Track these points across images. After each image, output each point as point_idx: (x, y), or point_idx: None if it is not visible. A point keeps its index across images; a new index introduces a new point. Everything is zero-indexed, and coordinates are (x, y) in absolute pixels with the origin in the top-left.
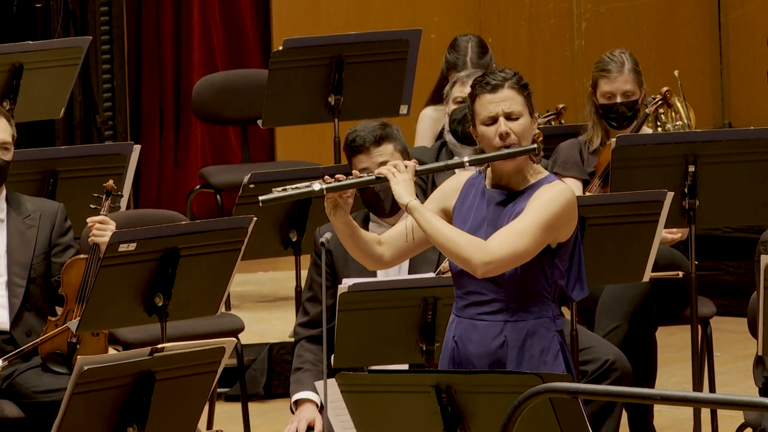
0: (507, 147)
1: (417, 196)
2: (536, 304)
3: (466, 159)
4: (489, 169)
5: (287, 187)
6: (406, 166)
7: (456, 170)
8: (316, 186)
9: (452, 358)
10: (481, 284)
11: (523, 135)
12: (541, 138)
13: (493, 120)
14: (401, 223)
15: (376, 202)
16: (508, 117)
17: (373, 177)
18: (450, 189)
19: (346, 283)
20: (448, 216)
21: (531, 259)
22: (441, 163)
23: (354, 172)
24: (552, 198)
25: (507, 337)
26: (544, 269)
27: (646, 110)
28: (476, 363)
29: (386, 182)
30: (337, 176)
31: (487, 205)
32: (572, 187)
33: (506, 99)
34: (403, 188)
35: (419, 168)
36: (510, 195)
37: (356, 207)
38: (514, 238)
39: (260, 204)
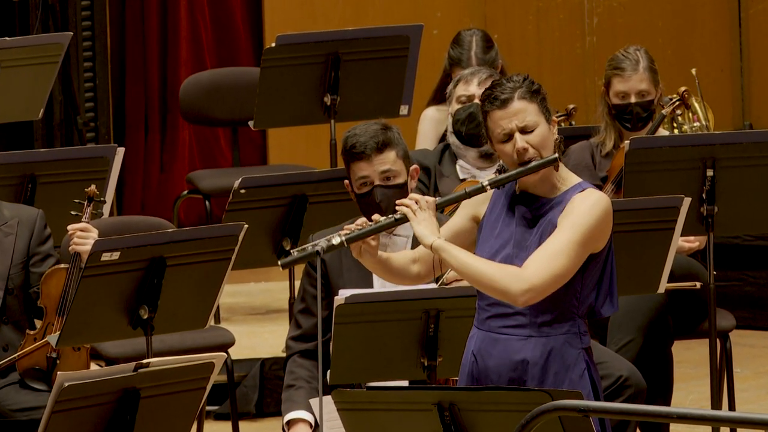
0: (527, 162)
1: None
2: (563, 319)
3: (486, 183)
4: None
5: (305, 246)
6: (426, 202)
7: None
8: (336, 240)
9: (470, 373)
10: None
11: (542, 146)
12: (562, 143)
13: (509, 136)
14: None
15: (376, 211)
16: (524, 131)
17: (393, 219)
18: (480, 197)
19: (343, 294)
20: (478, 222)
21: None
22: (461, 192)
23: (373, 217)
24: (588, 210)
25: (530, 353)
26: (573, 283)
27: (662, 111)
28: (495, 378)
29: (406, 221)
30: (356, 223)
31: (516, 212)
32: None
33: (518, 112)
34: (425, 228)
35: (439, 201)
36: (539, 205)
37: (356, 214)
38: (551, 259)
39: (281, 268)
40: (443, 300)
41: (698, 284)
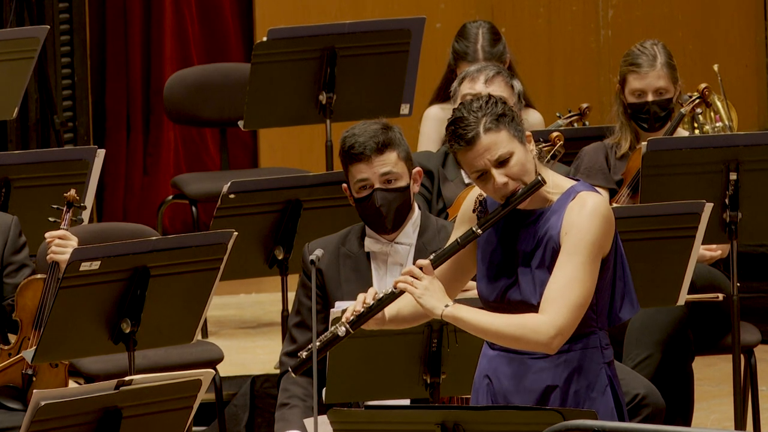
0: (511, 195)
1: (412, 203)
2: (582, 334)
3: (476, 228)
4: None
5: (310, 347)
6: (421, 268)
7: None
8: (341, 330)
9: (488, 393)
10: (517, 313)
11: (522, 173)
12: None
13: (484, 173)
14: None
15: (377, 218)
16: (499, 164)
17: (393, 293)
18: (471, 211)
19: (339, 306)
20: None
21: None
22: (454, 243)
23: (369, 293)
24: (587, 224)
25: (549, 374)
26: None
27: (682, 110)
28: (514, 400)
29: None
30: (354, 309)
31: (510, 226)
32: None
33: (489, 148)
34: (431, 299)
35: (434, 258)
36: (535, 217)
37: (354, 220)
38: (567, 293)
39: (293, 375)
40: None
41: (721, 296)
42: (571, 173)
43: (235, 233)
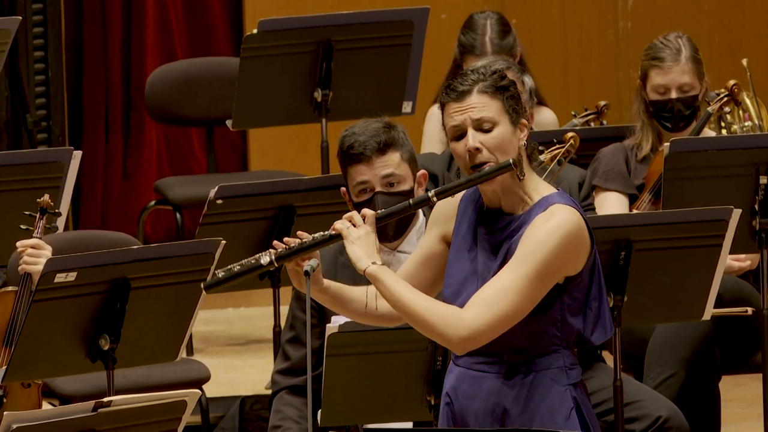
0: (480, 166)
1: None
2: (542, 353)
3: (431, 193)
4: None
5: (231, 266)
6: (364, 217)
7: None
8: (265, 258)
9: (447, 415)
10: None
11: (499, 149)
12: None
13: (461, 133)
14: (406, 265)
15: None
16: (479, 128)
17: (327, 235)
18: (445, 212)
19: (336, 321)
20: (450, 243)
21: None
22: (404, 204)
23: (305, 234)
24: (546, 236)
25: (508, 396)
26: (550, 311)
27: (708, 108)
28: (474, 422)
29: (340, 240)
30: (285, 240)
31: (480, 230)
32: (616, 200)
33: (474, 106)
34: (359, 249)
35: (380, 213)
36: (504, 222)
37: None
38: (498, 299)
39: (204, 291)
40: None
41: (750, 310)
42: (587, 177)
43: (223, 242)
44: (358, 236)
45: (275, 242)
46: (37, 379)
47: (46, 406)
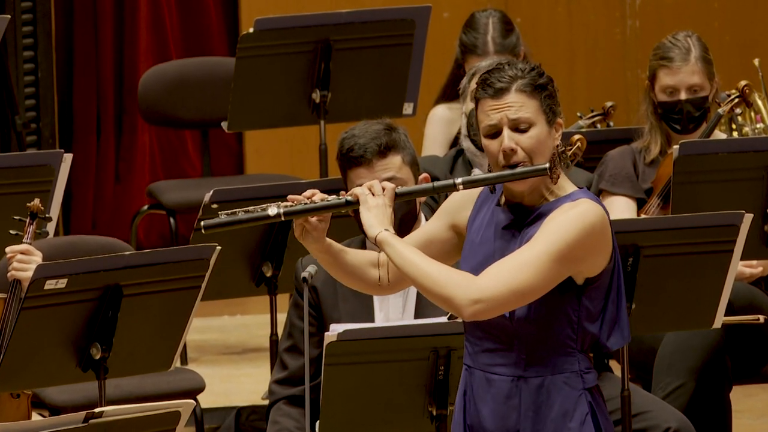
0: (513, 166)
1: (418, 212)
2: (557, 355)
3: (459, 180)
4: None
5: (237, 210)
6: (383, 189)
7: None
8: (272, 210)
9: (463, 421)
10: (491, 329)
11: (535, 150)
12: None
13: (497, 132)
14: (406, 240)
15: None
16: (515, 128)
17: (343, 200)
18: (461, 202)
19: (335, 329)
20: (461, 234)
21: (550, 299)
22: (428, 185)
23: (319, 194)
24: (570, 220)
25: (521, 399)
26: (567, 312)
27: (719, 110)
28: (487, 425)
29: (357, 206)
30: (297, 198)
31: (495, 227)
32: (623, 205)
33: (511, 105)
34: (373, 216)
35: (400, 191)
36: (523, 215)
37: (352, 231)
38: (514, 271)
39: (203, 231)
40: (455, 337)
41: (762, 318)
42: (594, 181)
43: (218, 247)
44: (375, 204)
45: (290, 196)
46: (27, 390)
47: (35, 417)
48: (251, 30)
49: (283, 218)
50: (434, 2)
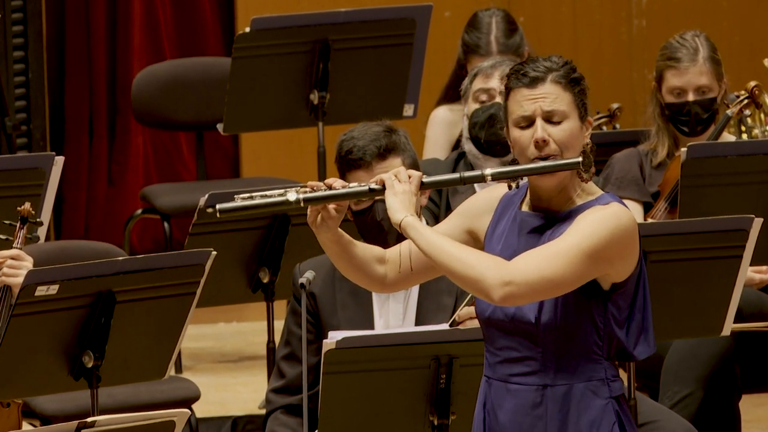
0: (544, 159)
1: (419, 216)
2: (584, 362)
3: (488, 171)
4: (528, 187)
5: (253, 194)
6: (410, 177)
7: (477, 185)
8: (292, 196)
9: (482, 430)
10: (514, 336)
11: (566, 144)
12: (593, 149)
13: (529, 122)
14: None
15: (378, 233)
16: (548, 119)
17: (366, 188)
18: (481, 206)
19: (334, 336)
20: (478, 240)
21: (576, 305)
22: (455, 175)
23: (340, 181)
24: (603, 219)
25: (546, 408)
26: (593, 318)
27: (727, 111)
28: None
29: (381, 194)
30: (317, 184)
31: (518, 232)
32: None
33: (546, 96)
34: (399, 202)
35: (426, 180)
36: (548, 220)
37: (352, 236)
38: (547, 259)
39: (217, 215)
40: (457, 344)
41: None
42: (599, 184)
43: (214, 253)
44: (402, 190)
45: (309, 182)
46: (17, 398)
47: (26, 426)
48: (248, 29)
49: (302, 204)
50: (435, 1)
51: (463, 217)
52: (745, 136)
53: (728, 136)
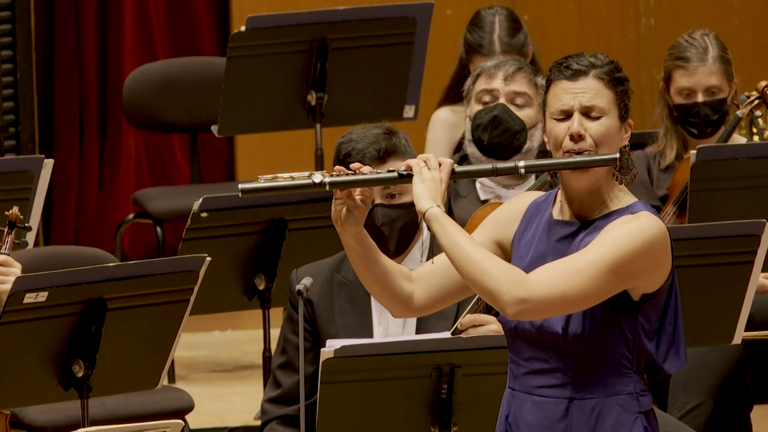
0: (579, 153)
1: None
2: (612, 375)
3: (521, 163)
4: (559, 192)
5: (277, 175)
6: (440, 164)
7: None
8: (317, 177)
9: None
10: (541, 348)
11: (602, 141)
12: (629, 155)
13: (567, 115)
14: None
15: (378, 239)
16: (587, 114)
17: (395, 174)
18: (508, 217)
19: (332, 345)
20: (506, 251)
21: (605, 315)
22: (488, 165)
23: (367, 167)
24: (630, 232)
25: (571, 420)
26: (623, 330)
27: (738, 112)
28: None
29: (408, 181)
30: (344, 170)
31: (548, 239)
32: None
33: (586, 91)
34: (426, 189)
35: (459, 169)
36: (579, 226)
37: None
38: (568, 275)
39: (240, 195)
40: (459, 353)
41: None
42: None
43: (208, 259)
44: (431, 177)
45: (336, 167)
46: (5, 409)
47: None
48: (243, 28)
49: (327, 188)
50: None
51: (491, 229)
52: (756, 138)
53: (739, 138)
